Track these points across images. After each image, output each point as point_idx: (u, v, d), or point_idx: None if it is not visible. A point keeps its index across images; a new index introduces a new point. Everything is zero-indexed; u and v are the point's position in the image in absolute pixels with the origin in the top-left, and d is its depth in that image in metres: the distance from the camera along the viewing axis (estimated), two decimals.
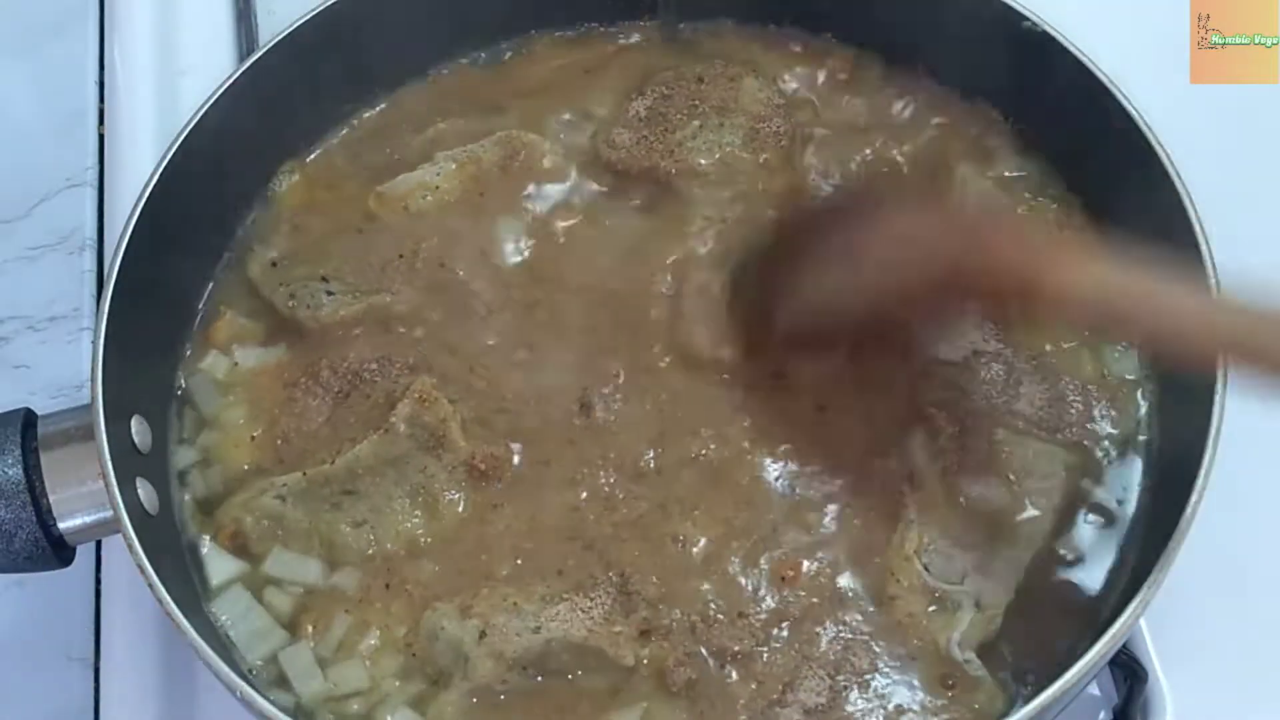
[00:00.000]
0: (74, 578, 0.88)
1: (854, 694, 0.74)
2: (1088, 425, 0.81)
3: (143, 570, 0.72)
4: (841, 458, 0.80)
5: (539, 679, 0.75)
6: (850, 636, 0.75)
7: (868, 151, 0.92)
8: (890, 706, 0.73)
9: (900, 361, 0.82)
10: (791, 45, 0.98)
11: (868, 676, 0.74)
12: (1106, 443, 0.81)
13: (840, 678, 0.74)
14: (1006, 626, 0.75)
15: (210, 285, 0.90)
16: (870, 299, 0.75)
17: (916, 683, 0.74)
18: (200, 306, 0.90)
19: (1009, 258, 0.70)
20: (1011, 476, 0.78)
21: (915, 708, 0.73)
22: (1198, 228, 0.78)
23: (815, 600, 0.76)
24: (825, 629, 0.76)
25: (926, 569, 0.76)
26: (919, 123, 0.94)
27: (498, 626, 0.74)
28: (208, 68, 1.09)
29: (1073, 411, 0.81)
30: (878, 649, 0.75)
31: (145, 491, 0.78)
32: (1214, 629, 0.85)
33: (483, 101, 0.97)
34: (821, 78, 0.97)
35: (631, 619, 0.75)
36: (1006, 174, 0.91)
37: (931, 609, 0.75)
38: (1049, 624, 0.76)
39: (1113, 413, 0.82)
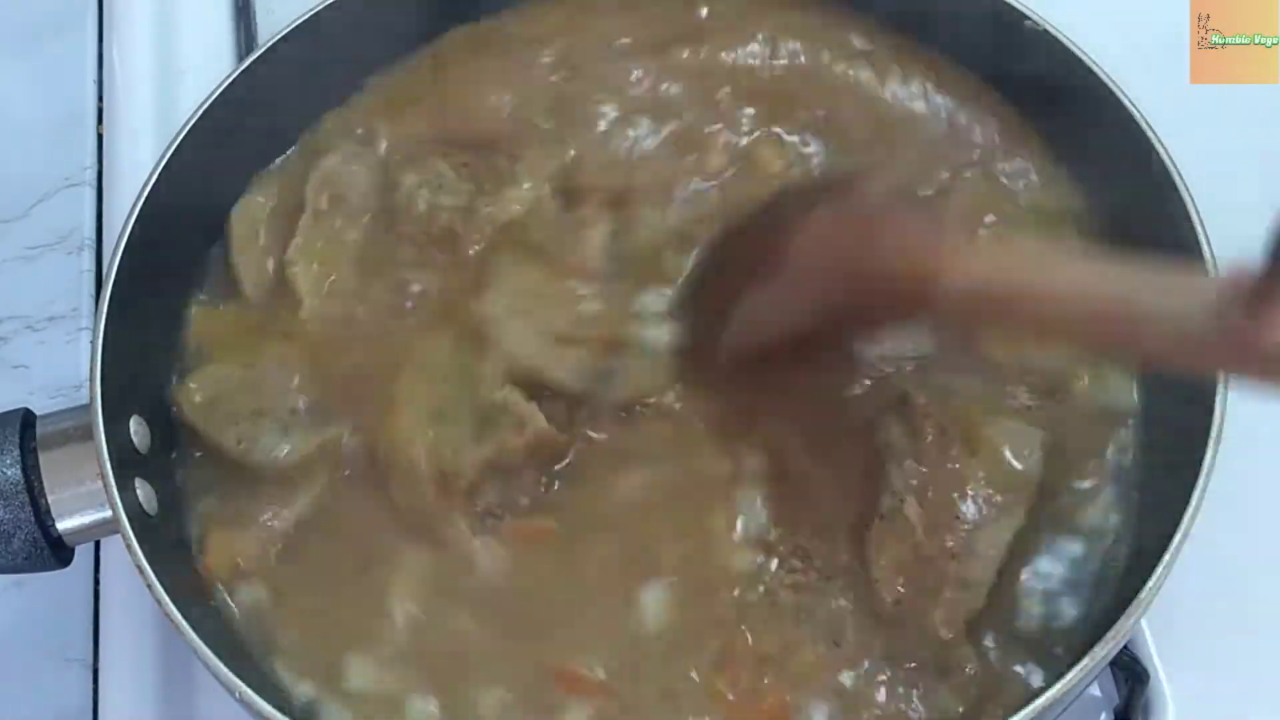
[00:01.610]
0: (72, 578, 0.88)
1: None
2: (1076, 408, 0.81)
3: (141, 571, 0.72)
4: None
5: None
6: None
7: None
8: (872, 689, 0.73)
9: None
10: None
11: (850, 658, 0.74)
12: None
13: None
14: (997, 613, 0.75)
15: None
16: (793, 314, 0.73)
17: (901, 664, 0.73)
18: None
19: (898, 250, 0.68)
20: (988, 457, 0.77)
21: (897, 688, 0.73)
22: (1199, 227, 0.78)
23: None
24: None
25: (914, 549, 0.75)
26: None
27: None
28: (207, 68, 1.09)
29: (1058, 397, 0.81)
30: (858, 628, 0.74)
31: (144, 492, 0.77)
32: (1216, 629, 0.85)
33: None
34: None
35: None
36: (1007, 169, 0.90)
37: (914, 589, 0.74)
38: (1048, 617, 0.76)
39: (1103, 395, 0.81)
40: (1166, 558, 0.70)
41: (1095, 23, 0.87)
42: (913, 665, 0.73)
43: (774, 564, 0.76)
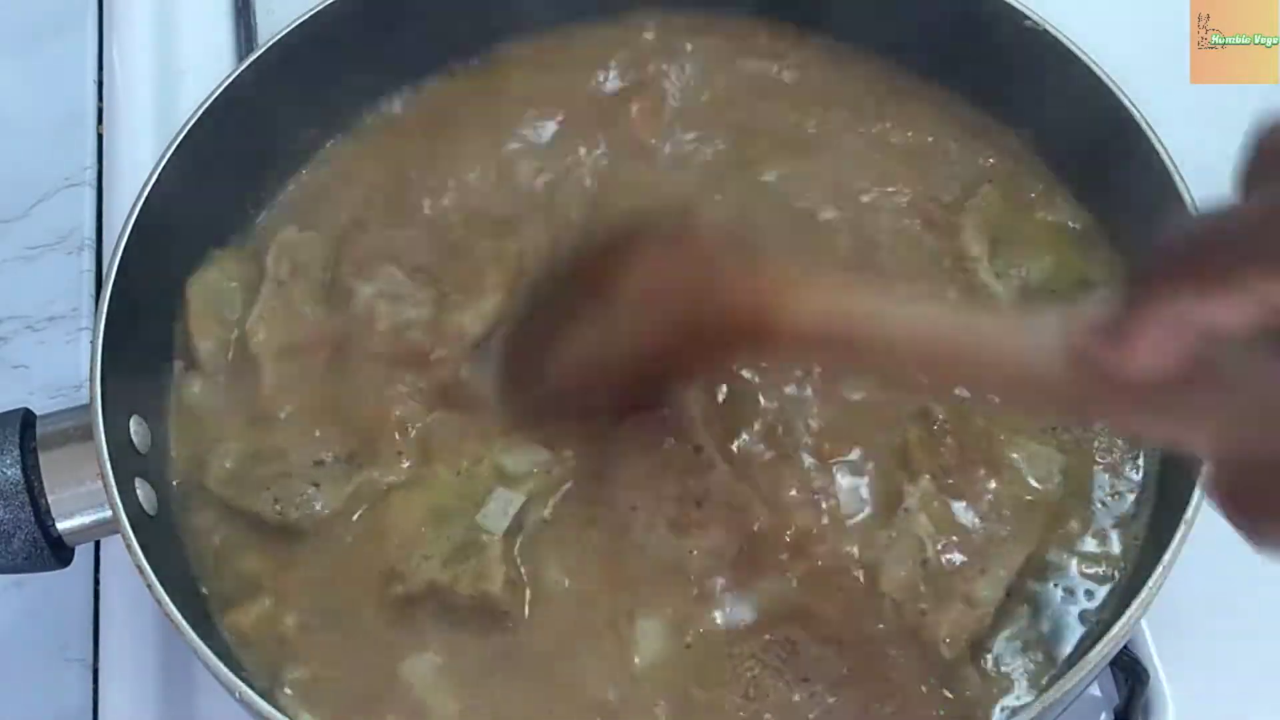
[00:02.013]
0: (72, 578, 0.88)
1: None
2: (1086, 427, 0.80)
3: (141, 571, 0.72)
4: None
5: None
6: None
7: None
8: (874, 704, 0.72)
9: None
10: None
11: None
12: (1105, 441, 0.80)
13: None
14: (1002, 626, 0.74)
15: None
16: (627, 348, 0.72)
17: (903, 680, 0.73)
18: None
19: (741, 285, 0.68)
20: (1007, 477, 0.77)
21: (901, 705, 0.72)
22: None
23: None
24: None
25: (923, 564, 0.75)
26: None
27: None
28: (207, 68, 1.09)
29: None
30: (864, 646, 0.74)
31: (144, 492, 0.78)
32: (1217, 629, 0.85)
33: None
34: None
35: None
36: (1020, 184, 0.89)
37: (920, 605, 0.74)
38: (1048, 625, 0.75)
39: None
40: (1166, 558, 0.70)
41: (1095, 23, 0.87)
42: (912, 682, 0.73)
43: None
